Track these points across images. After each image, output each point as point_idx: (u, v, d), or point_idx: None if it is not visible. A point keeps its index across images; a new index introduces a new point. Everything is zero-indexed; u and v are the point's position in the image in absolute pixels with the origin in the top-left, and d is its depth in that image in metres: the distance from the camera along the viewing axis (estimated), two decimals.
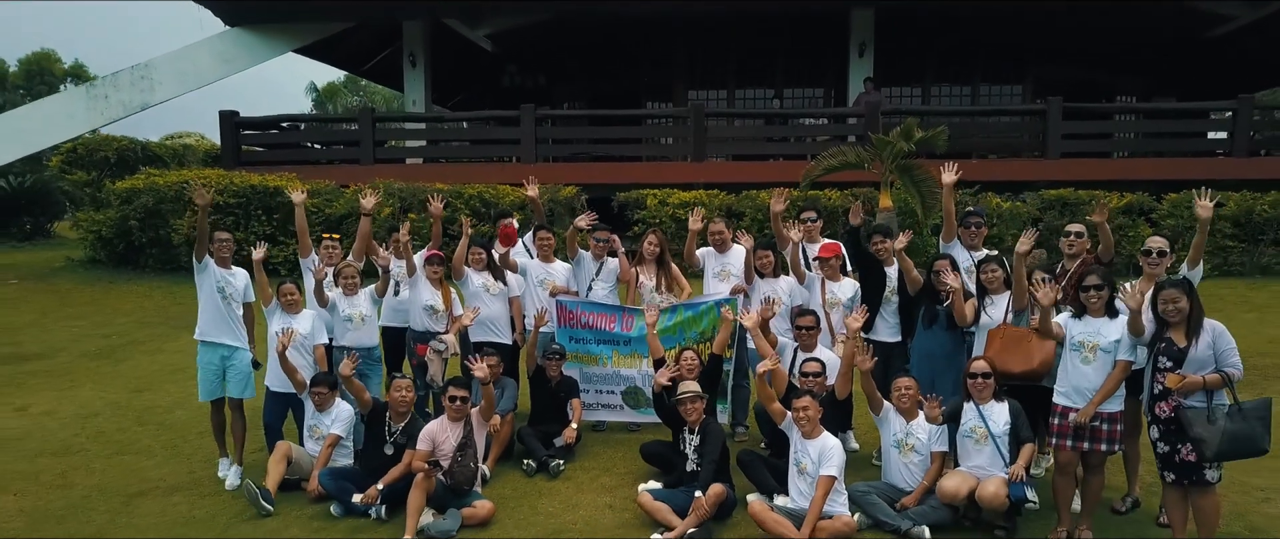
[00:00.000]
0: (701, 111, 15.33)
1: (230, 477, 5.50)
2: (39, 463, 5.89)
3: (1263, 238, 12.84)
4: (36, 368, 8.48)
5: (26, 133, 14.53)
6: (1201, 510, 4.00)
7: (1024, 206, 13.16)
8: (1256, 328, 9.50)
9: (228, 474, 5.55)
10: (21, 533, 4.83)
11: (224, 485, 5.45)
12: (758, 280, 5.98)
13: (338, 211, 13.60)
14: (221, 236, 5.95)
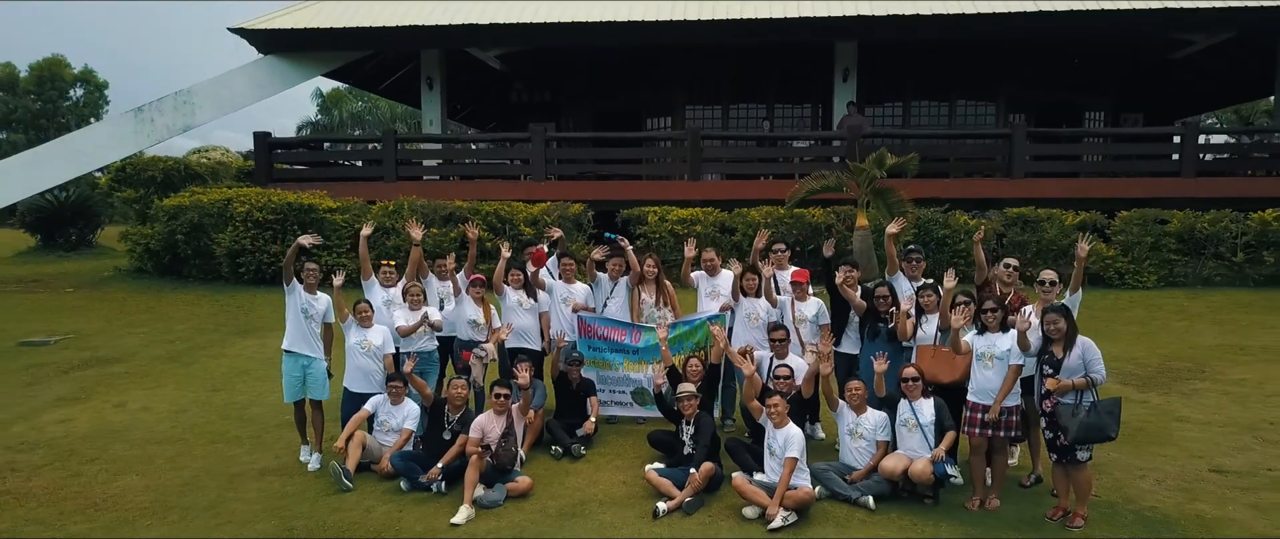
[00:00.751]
0: (697, 134, 16.51)
1: (312, 461, 6.64)
2: (149, 450, 7.03)
3: (1204, 252, 14.04)
4: (119, 370, 9.63)
5: (83, 154, 15.66)
6: (1077, 482, 5.17)
7: (989, 224, 14.34)
8: (1183, 335, 10.68)
9: (310, 460, 6.68)
10: (150, 506, 5.97)
11: (307, 468, 6.62)
12: (742, 298, 7.14)
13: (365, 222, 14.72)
14: (310, 267, 7.04)
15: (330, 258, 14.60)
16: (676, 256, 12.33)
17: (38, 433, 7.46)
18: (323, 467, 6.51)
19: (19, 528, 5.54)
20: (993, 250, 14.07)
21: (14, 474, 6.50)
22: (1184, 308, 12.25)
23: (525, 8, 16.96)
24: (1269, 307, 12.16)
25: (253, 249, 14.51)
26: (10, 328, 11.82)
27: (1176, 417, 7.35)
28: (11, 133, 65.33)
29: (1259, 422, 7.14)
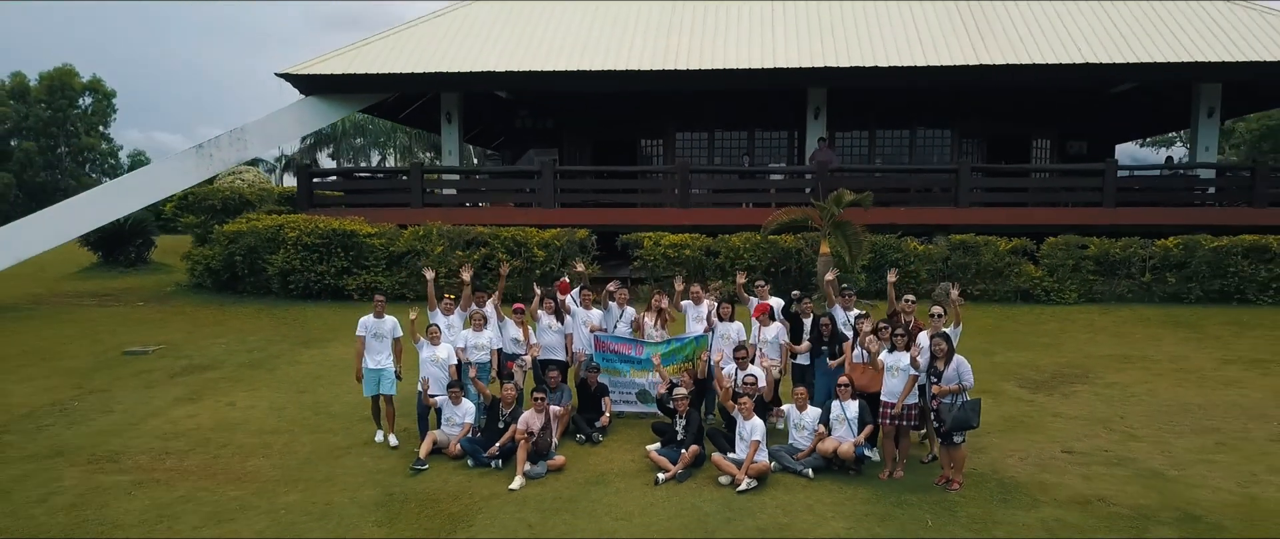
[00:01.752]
0: (686, 168, 18.47)
1: (391, 440, 8.59)
2: (266, 438, 8.92)
3: (1117, 273, 16.07)
4: (215, 375, 11.49)
5: (158, 184, 17.48)
6: (954, 458, 7.13)
7: (935, 248, 16.35)
8: (1084, 346, 12.67)
9: (388, 439, 8.63)
10: (280, 478, 7.86)
11: (389, 445, 8.55)
12: (719, 323, 9.09)
13: (399, 249, 16.65)
14: (378, 299, 9.00)
15: (368, 276, 16.54)
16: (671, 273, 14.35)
17: (173, 426, 9.34)
18: (400, 445, 8.47)
19: (192, 494, 7.43)
20: (939, 270, 16.13)
21: (170, 456, 8.39)
22: (1093, 322, 14.26)
23: (534, 55, 18.87)
24: (1164, 321, 14.19)
25: (301, 269, 16.38)
26: (109, 339, 13.67)
27: (1052, 412, 9.33)
28: (23, 140, 66.59)
29: (1112, 416, 9.14)
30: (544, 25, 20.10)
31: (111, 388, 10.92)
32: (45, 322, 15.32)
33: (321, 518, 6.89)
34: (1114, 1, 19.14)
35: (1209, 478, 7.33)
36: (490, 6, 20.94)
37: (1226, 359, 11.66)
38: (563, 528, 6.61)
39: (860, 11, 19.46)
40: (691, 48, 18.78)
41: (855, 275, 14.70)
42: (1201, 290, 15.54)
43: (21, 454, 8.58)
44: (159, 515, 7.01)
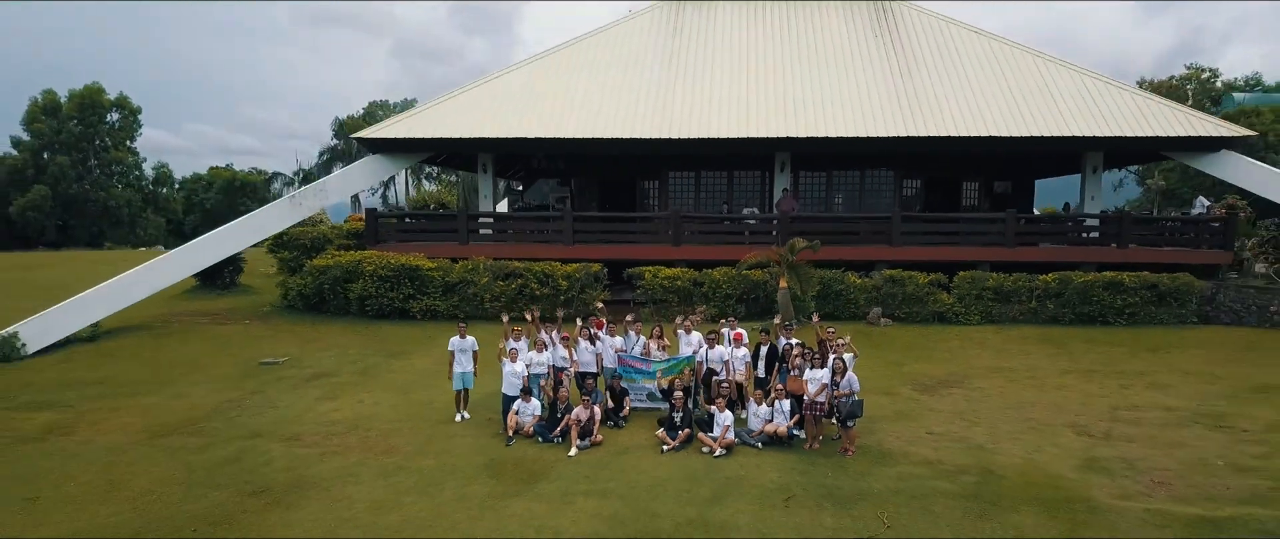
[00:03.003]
0: (679, 214, 22.18)
1: (464, 415, 12.29)
2: (396, 424, 12.51)
3: (1011, 301, 19.85)
4: (337, 381, 15.08)
5: (261, 227, 21.12)
6: (849, 436, 10.81)
7: (872, 281, 20.10)
8: (973, 359, 16.38)
9: (463, 415, 12.32)
10: (416, 451, 11.45)
11: (462, 421, 12.21)
12: (704, 348, 12.78)
13: (453, 279, 20.27)
14: (461, 325, 12.66)
15: (429, 301, 20.15)
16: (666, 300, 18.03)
17: (325, 417, 12.94)
18: (481, 426, 12.16)
19: (362, 460, 11.05)
20: (874, 298, 19.86)
21: (334, 437, 12.00)
22: (986, 340, 18.02)
23: (553, 122, 22.49)
24: (1038, 339, 17.97)
25: (376, 295, 19.98)
26: (241, 352, 17.24)
27: (929, 408, 13.05)
28: (56, 154, 69.31)
29: (968, 411, 12.87)
30: (562, 92, 23.73)
31: (265, 391, 14.52)
32: (181, 338, 18.87)
33: (452, 474, 10.53)
34: (1016, 81, 22.97)
35: (1011, 450, 11.07)
36: (517, 77, 24.60)
37: (1067, 369, 15.44)
38: (606, 479, 10.27)
39: (817, 90, 23.22)
40: (683, 117, 22.49)
41: (807, 303, 18.43)
42: (1073, 314, 19.36)
43: (230, 436, 12.19)
44: (346, 474, 10.63)
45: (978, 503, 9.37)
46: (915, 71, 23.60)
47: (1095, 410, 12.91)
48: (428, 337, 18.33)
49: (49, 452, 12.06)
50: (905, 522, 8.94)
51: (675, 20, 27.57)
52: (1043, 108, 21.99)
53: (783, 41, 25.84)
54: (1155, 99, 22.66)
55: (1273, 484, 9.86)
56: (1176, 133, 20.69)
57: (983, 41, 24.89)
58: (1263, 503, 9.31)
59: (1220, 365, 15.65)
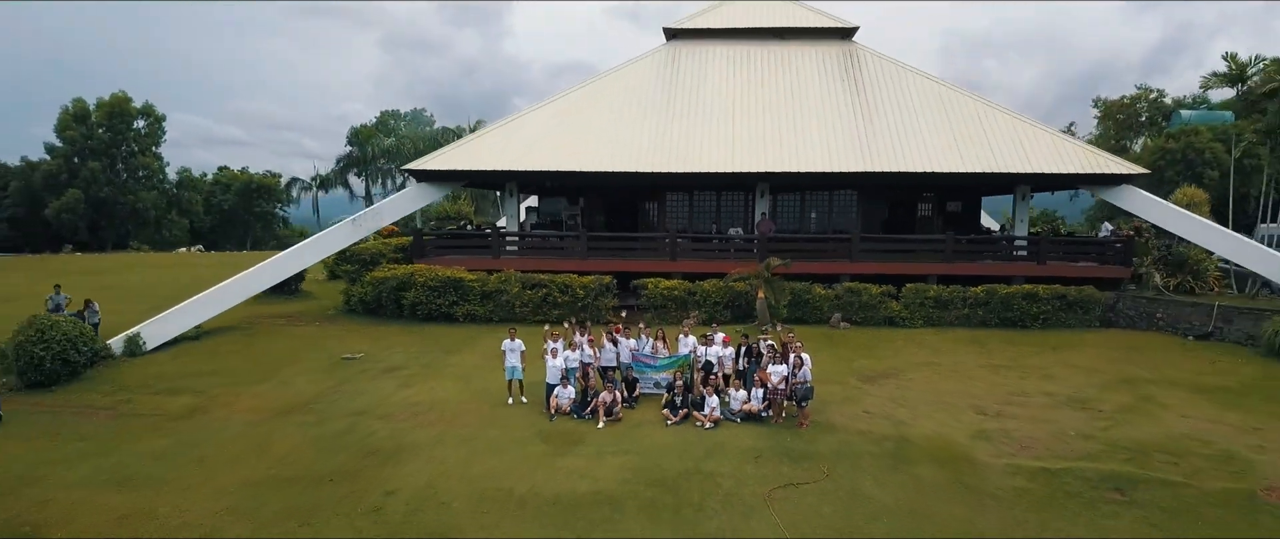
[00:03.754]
0: (676, 234, 25.46)
1: (521, 399, 15.54)
2: (465, 405, 15.75)
3: (948, 309, 23.17)
4: (408, 373, 18.28)
5: (326, 245, 24.36)
6: (804, 413, 14.14)
7: (833, 292, 23.43)
8: (910, 356, 19.67)
9: (513, 399, 15.57)
10: (482, 424, 14.71)
11: (517, 404, 15.46)
12: (699, 347, 16.10)
13: (489, 289, 23.47)
14: (512, 328, 15.94)
15: (469, 306, 23.37)
16: (666, 307, 21.29)
17: (407, 400, 16.17)
18: (525, 407, 15.42)
19: (445, 431, 14.31)
20: (835, 305, 23.17)
21: (418, 415, 15.25)
22: (925, 341, 21.36)
23: (568, 154, 25.68)
24: (967, 340, 21.31)
25: (426, 301, 23.19)
26: (323, 349, 20.43)
27: (869, 394, 16.34)
28: (89, 160, 71.71)
29: (899, 397, 16.17)
30: (577, 129, 26.95)
31: (352, 381, 17.76)
32: (268, 337, 22.07)
33: (515, 440, 13.80)
34: (959, 122, 26.32)
35: (924, 424, 14.40)
36: (540, 115, 27.84)
37: (983, 364, 18.80)
38: (626, 443, 13.56)
39: (791, 131, 26.49)
40: (679, 152, 25.76)
41: (780, 311, 21.74)
42: (997, 319, 22.73)
43: (337, 414, 15.43)
44: (434, 441, 13.90)
45: (892, 460, 12.72)
46: (874, 114, 26.93)
47: (995, 395, 16.27)
48: (471, 337, 21.58)
49: (197, 426, 15.32)
50: (840, 472, 12.28)
51: (674, 60, 30.79)
52: (981, 146, 25.33)
53: (763, 83, 29.09)
54: (1071, 141, 26.03)
55: (1104, 448, 13.24)
56: (1087, 170, 24.08)
57: (931, 86, 28.23)
58: (1091, 460, 12.68)
59: (1103, 362, 19.04)
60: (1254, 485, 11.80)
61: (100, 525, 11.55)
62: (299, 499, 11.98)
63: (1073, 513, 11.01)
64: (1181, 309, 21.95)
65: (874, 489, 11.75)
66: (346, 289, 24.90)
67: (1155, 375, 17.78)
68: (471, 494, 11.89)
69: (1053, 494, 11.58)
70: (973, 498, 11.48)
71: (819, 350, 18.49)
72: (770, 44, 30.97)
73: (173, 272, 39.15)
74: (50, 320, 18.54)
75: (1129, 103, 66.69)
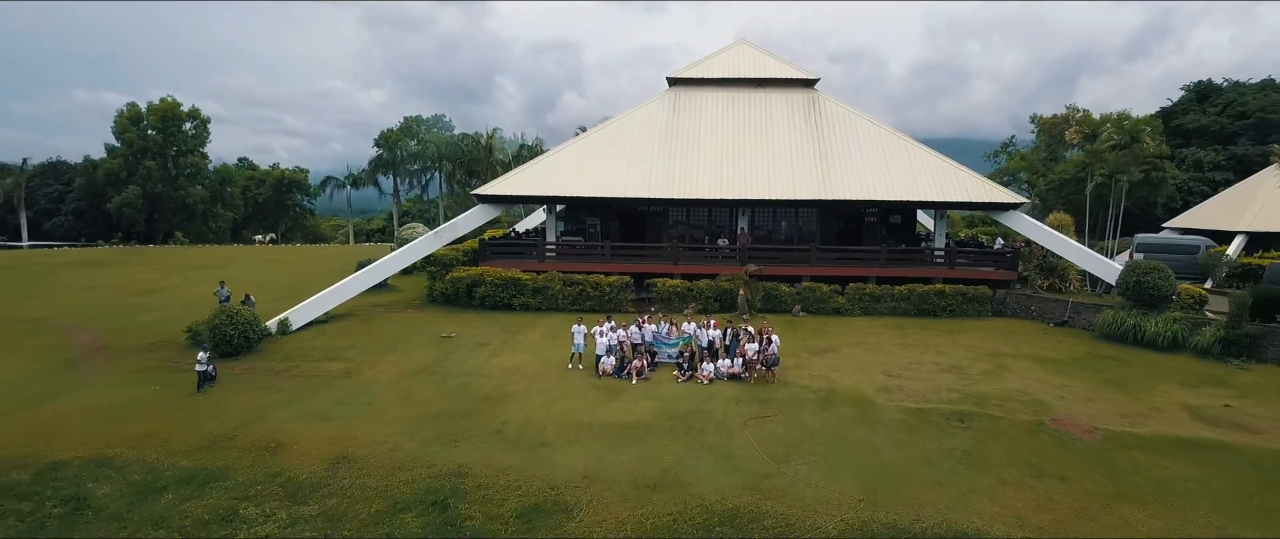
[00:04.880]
0: (679, 245, 31.09)
1: (578, 367, 21.18)
2: (537, 369, 21.28)
3: (880, 303, 28.89)
4: (493, 347, 23.83)
5: (416, 252, 29.81)
6: (772, 373, 19.83)
7: (795, 289, 29.13)
8: (848, 338, 25.38)
9: (573, 367, 21.22)
10: (554, 379, 20.34)
11: (575, 370, 21.10)
12: (698, 330, 21.78)
13: (537, 285, 29.04)
14: (579, 317, 21.61)
15: (523, 299, 28.92)
16: (671, 301, 26.95)
17: (498, 366, 21.75)
18: (580, 371, 21.08)
19: (530, 384, 19.95)
20: (796, 299, 28.84)
21: (508, 375, 20.86)
22: (861, 327, 27.05)
23: (594, 182, 31.20)
24: (891, 327, 27.01)
25: (491, 295, 28.72)
26: (424, 330, 25.92)
27: (813, 363, 22.03)
28: (145, 159, 75.87)
29: (835, 364, 21.86)
30: (600, 162, 32.43)
31: (453, 354, 23.32)
32: (379, 321, 27.55)
33: (578, 391, 19.43)
34: (893, 159, 31.96)
35: (847, 382, 20.09)
36: (571, 150, 33.32)
37: (898, 343, 24.50)
38: (652, 393, 19.19)
39: (765, 166, 32.04)
40: (679, 181, 31.31)
41: (755, 304, 27.41)
42: (915, 310, 28.44)
43: (452, 375, 21.03)
44: (524, 392, 19.52)
45: (823, 403, 18.46)
46: (830, 150, 32.52)
47: (900, 364, 22.02)
48: (529, 322, 27.16)
49: (357, 383, 20.89)
50: (790, 410, 18.00)
51: (675, 102, 36.24)
52: (909, 179, 30.98)
53: (745, 122, 34.57)
54: (974, 176, 31.63)
55: (960, 397, 19.01)
56: (982, 200, 29.82)
57: (874, 129, 33.83)
58: (950, 404, 18.46)
59: (982, 341, 24.81)
60: (1045, 418, 17.63)
61: (320, 442, 17.18)
62: (444, 427, 17.63)
63: (929, 433, 16.79)
64: (1048, 304, 27.76)
65: (810, 420, 17.51)
66: (429, 285, 30.43)
67: (1015, 351, 23.59)
68: (555, 423, 17.58)
69: (920, 423, 17.36)
70: (870, 425, 17.25)
71: (782, 333, 24.15)
72: (750, 90, 36.46)
73: (268, 267, 44.52)
74: (236, 308, 24.05)
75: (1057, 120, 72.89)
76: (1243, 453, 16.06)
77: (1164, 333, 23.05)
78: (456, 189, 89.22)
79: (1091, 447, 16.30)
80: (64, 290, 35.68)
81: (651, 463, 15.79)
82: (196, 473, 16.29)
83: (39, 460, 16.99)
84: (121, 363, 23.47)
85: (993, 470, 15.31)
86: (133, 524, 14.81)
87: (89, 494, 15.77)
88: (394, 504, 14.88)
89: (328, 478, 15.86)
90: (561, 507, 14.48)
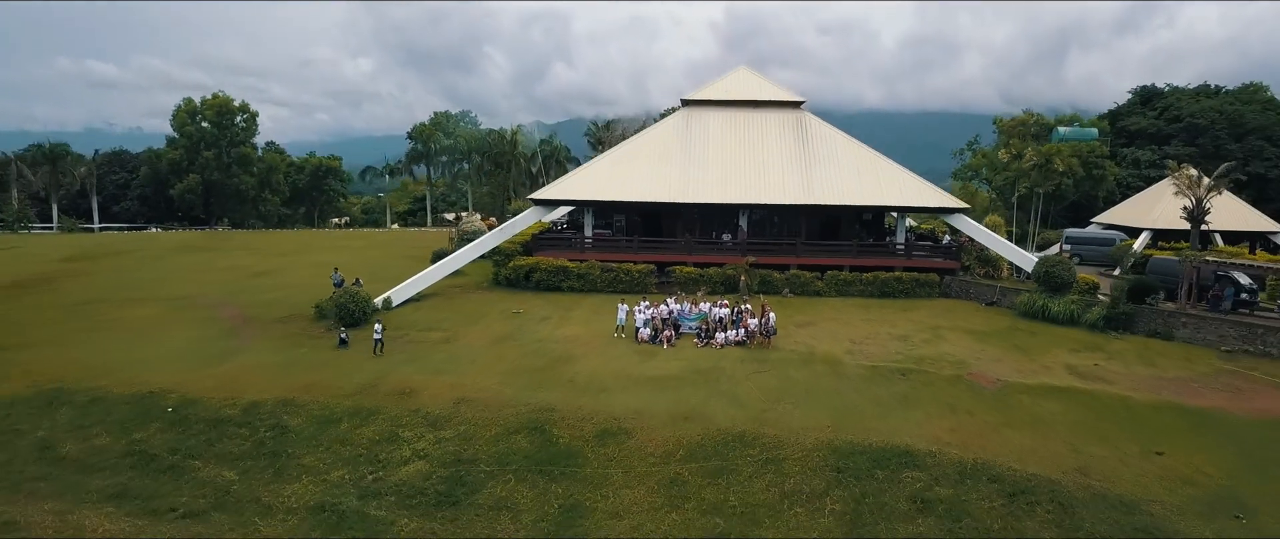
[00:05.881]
0: (693, 240, 36.07)
1: (620, 336, 26.28)
2: (591, 337, 26.26)
3: (850, 287, 33.88)
4: (553, 320, 28.76)
5: (484, 246, 34.78)
6: (768, 343, 24.89)
7: (784, 275, 34.14)
8: (824, 314, 30.38)
9: (618, 336, 26.30)
10: (605, 344, 25.42)
11: (618, 337, 26.20)
12: (711, 308, 26.82)
13: (580, 271, 34.03)
14: (623, 297, 26.72)
15: (570, 282, 33.94)
16: (688, 285, 32.02)
17: (561, 335, 26.77)
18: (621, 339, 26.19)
19: (587, 349, 25.04)
20: (786, 283, 33.88)
21: (570, 342, 25.89)
22: (835, 305, 32.06)
23: (622, 188, 36.02)
24: (860, 306, 31.99)
25: (546, 279, 33.69)
26: (497, 307, 30.90)
27: (798, 333, 27.00)
28: (203, 150, 79.85)
29: (814, 334, 26.87)
30: (627, 172, 37.21)
31: (524, 326, 28.31)
32: (459, 300, 32.50)
33: (623, 354, 24.46)
34: (866, 171, 36.80)
35: (823, 348, 25.14)
36: (604, 162, 38.13)
37: (863, 319, 29.53)
38: (679, 356, 24.22)
39: (760, 176, 36.83)
40: (691, 187, 36.17)
41: (753, 288, 32.45)
42: (878, 292, 33.42)
43: (527, 341, 26.06)
44: (584, 353, 24.59)
45: (804, 363, 23.55)
46: (813, 164, 37.32)
47: (862, 334, 27.07)
48: (576, 301, 32.13)
49: (455, 347, 25.94)
50: (780, 367, 23.07)
51: (687, 120, 40.89)
52: (876, 186, 35.83)
53: (744, 138, 39.31)
54: (928, 185, 36.38)
55: (904, 358, 24.09)
56: (934, 205, 34.74)
57: (851, 144, 38.60)
58: (895, 363, 23.56)
59: (928, 317, 29.85)
60: (963, 372, 22.74)
61: (442, 388, 22.27)
62: (530, 378, 22.73)
63: (880, 383, 21.90)
64: (983, 288, 32.78)
65: (795, 374, 22.63)
66: (495, 270, 35.38)
67: (951, 325, 28.67)
68: (611, 376, 22.70)
69: (873, 376, 22.47)
70: (838, 377, 22.36)
71: (776, 310, 29.22)
72: (748, 110, 41.15)
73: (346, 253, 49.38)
74: (356, 290, 29.06)
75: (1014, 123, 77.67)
76: (1098, 397, 21.22)
77: (1064, 311, 28.11)
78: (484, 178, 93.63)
79: (993, 393, 21.46)
80: (188, 272, 40.53)
81: (682, 403, 20.92)
82: (359, 409, 21.40)
83: (241, 401, 22.10)
84: (268, 331, 28.48)
85: (922, 408, 20.47)
86: (324, 443, 20.02)
87: (286, 424, 20.94)
88: (506, 429, 20.05)
89: (454, 413, 20.99)
90: (623, 431, 19.64)
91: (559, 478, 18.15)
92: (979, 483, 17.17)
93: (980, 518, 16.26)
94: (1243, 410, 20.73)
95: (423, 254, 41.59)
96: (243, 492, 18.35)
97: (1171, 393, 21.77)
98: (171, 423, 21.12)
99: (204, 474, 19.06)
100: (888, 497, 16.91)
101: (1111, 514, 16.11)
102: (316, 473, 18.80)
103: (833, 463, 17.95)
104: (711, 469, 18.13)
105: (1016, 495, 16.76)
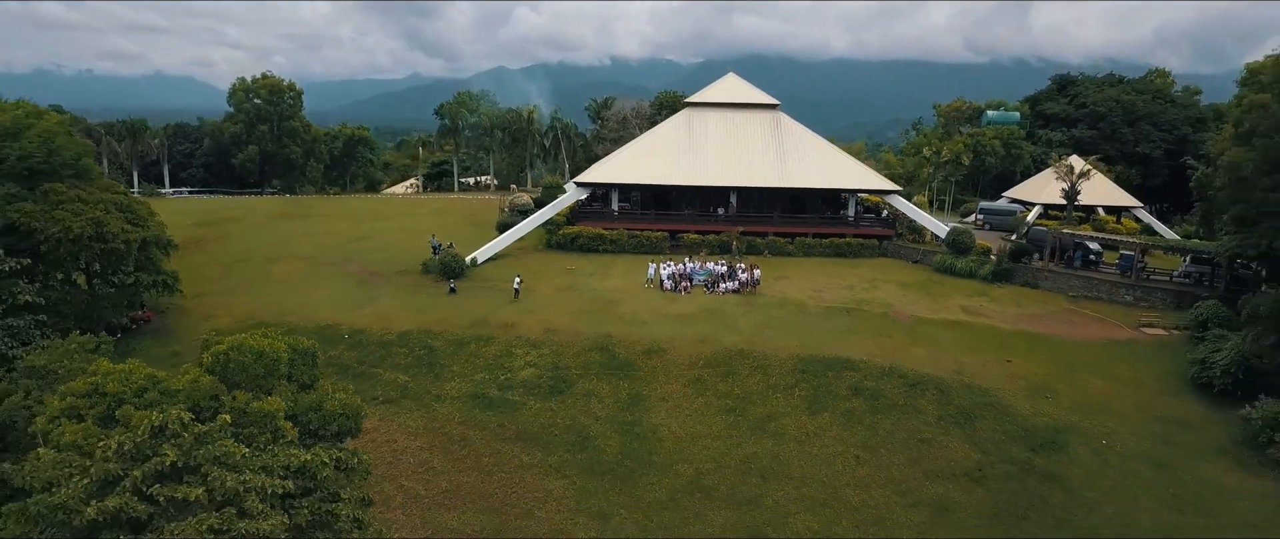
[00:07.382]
0: (695, 211, 42.64)
1: (649, 286, 33.05)
2: (629, 288, 32.91)
3: (815, 248, 40.71)
4: (599, 274, 35.23)
5: (543, 216, 41.04)
6: (756, 290, 31.79)
7: (765, 241, 40.88)
8: (795, 272, 37.17)
9: (648, 285, 33.08)
10: (642, 296, 32.22)
11: (647, 287, 32.98)
12: (713, 266, 33.59)
13: (612, 237, 40.60)
14: (653, 257, 33.47)
15: (605, 246, 40.50)
16: (695, 250, 38.81)
17: (607, 286, 33.32)
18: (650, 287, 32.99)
19: (628, 295, 31.82)
20: (767, 246, 40.68)
21: (614, 290, 32.56)
22: (803, 264, 38.81)
23: (639, 173, 42.28)
24: (825, 265, 38.79)
25: (588, 244, 40.12)
26: (554, 265, 37.37)
27: (776, 284, 33.91)
28: (258, 124, 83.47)
29: (789, 286, 33.67)
30: (643, 160, 43.41)
31: (579, 278, 34.87)
32: (521, 259, 38.78)
33: (654, 298, 31.23)
34: (829, 161, 43.26)
35: (794, 293, 32.01)
36: (627, 152, 44.24)
37: (821, 273, 36.28)
38: (696, 300, 31.04)
39: (745, 163, 43.16)
40: (692, 171, 42.51)
41: (741, 250, 39.19)
42: (834, 254, 40.17)
43: (584, 290, 32.68)
44: (625, 300, 31.34)
45: (781, 305, 30.49)
46: (786, 154, 43.68)
47: (821, 285, 33.97)
48: (611, 260, 38.56)
49: (533, 296, 32.53)
50: (763, 308, 30.03)
51: (690, 119, 46.84)
52: (833, 173, 42.37)
53: (733, 133, 45.43)
54: (871, 171, 42.91)
55: (849, 301, 31.16)
56: (876, 187, 41.41)
57: (815, 139, 44.90)
58: (843, 305, 30.56)
59: (869, 272, 36.72)
60: (889, 311, 29.84)
61: (533, 323, 29.01)
62: (592, 316, 29.51)
63: (832, 319, 28.92)
64: (910, 250, 39.72)
65: (775, 312, 29.60)
66: (547, 236, 41.71)
67: (886, 278, 35.66)
68: (649, 312, 29.56)
69: (827, 314, 29.49)
70: (804, 315, 29.36)
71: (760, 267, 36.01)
72: (737, 111, 47.19)
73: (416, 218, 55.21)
74: (454, 251, 35.47)
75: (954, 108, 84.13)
76: (976, 327, 28.42)
77: (965, 268, 35.17)
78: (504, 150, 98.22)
79: (907, 324, 28.59)
80: (299, 237, 46.09)
81: (698, 331, 27.85)
82: (479, 336, 28.12)
83: (394, 331, 28.72)
84: (392, 282, 34.88)
85: (859, 334, 27.55)
86: (462, 357, 26.83)
87: (431, 345, 27.66)
88: (583, 347, 26.91)
89: (546, 338, 27.79)
90: (661, 349, 26.56)
91: (623, 378, 25.12)
92: (892, 379, 24.37)
93: (892, 398, 23.49)
94: (1071, 336, 28.07)
95: (481, 220, 47.54)
96: (417, 388, 25.16)
97: (1027, 324, 29.03)
98: (351, 346, 27.74)
99: (386, 378, 25.82)
100: (834, 387, 24.08)
101: (972, 395, 23.40)
102: (464, 376, 25.63)
103: (799, 368, 25.05)
104: (721, 372, 25.18)
105: (915, 385, 23.98)
